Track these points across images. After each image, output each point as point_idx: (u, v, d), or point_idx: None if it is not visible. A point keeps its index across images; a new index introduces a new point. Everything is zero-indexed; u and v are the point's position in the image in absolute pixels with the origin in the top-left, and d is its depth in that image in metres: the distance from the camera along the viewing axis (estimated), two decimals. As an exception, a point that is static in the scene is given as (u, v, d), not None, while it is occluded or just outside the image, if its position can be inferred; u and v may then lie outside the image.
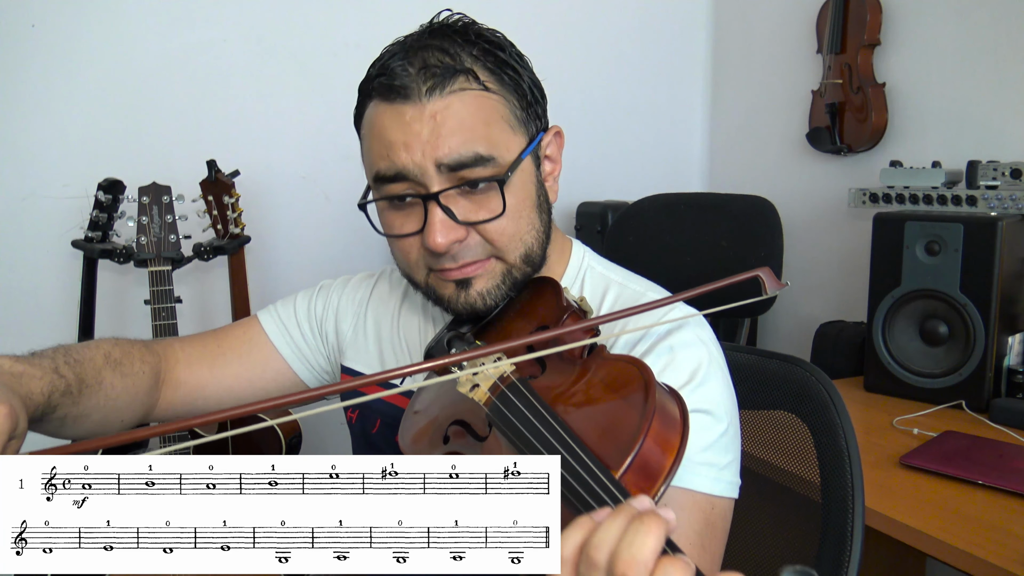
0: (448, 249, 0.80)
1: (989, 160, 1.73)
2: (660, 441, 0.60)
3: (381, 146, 0.80)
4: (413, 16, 0.91)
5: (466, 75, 0.79)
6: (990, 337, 1.57)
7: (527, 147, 0.84)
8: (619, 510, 0.52)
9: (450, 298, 0.84)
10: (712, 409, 0.79)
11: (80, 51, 1.96)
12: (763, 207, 1.95)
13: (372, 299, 1.05)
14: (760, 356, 1.06)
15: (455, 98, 0.78)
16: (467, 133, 0.78)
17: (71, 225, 1.84)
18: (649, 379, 0.63)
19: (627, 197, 2.34)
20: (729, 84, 2.70)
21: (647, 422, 0.59)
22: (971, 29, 1.90)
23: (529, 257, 0.85)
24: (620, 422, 0.62)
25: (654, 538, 0.48)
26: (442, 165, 0.78)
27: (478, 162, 0.79)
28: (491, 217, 0.81)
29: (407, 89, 0.78)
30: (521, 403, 0.66)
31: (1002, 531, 1.11)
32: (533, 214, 0.85)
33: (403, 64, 0.79)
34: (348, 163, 2.27)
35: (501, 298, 0.85)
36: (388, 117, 0.80)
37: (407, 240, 0.84)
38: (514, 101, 0.83)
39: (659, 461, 0.60)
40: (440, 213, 0.79)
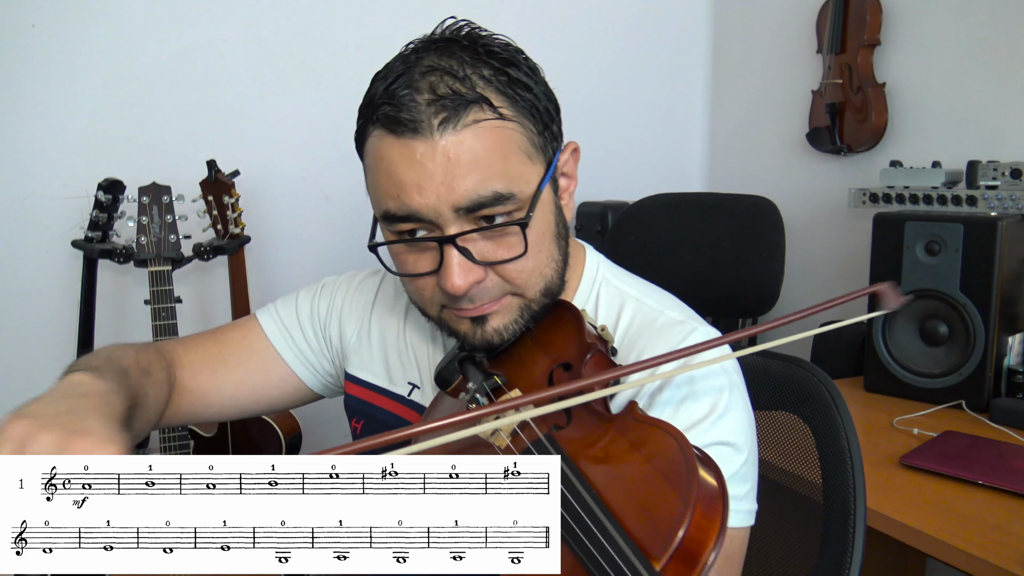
0: (467, 291, 0.75)
1: (989, 160, 1.73)
2: (702, 526, 0.56)
3: (391, 185, 0.75)
4: (413, 16, 0.91)
5: (479, 104, 0.73)
6: (990, 337, 1.57)
7: (545, 175, 0.79)
8: None
9: (466, 334, 0.80)
10: (733, 440, 0.77)
11: (80, 51, 1.96)
12: (765, 207, 1.95)
13: (377, 303, 1.01)
14: (762, 357, 1.06)
15: (469, 132, 0.72)
16: (484, 171, 0.73)
17: (71, 225, 1.84)
18: (690, 457, 0.58)
19: (627, 197, 2.34)
20: (729, 84, 2.70)
21: (690, 508, 0.55)
22: (971, 29, 1.90)
23: (548, 290, 0.81)
24: (659, 503, 0.57)
25: None
26: (460, 208, 0.73)
27: (497, 201, 0.73)
28: (511, 257, 0.76)
29: (416, 123, 0.72)
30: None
31: (1002, 531, 1.11)
32: (552, 246, 0.81)
33: (409, 93, 0.72)
34: (348, 163, 2.26)
35: (518, 332, 0.80)
36: (397, 153, 0.73)
37: (421, 280, 0.79)
38: (530, 126, 0.77)
39: (700, 547, 0.55)
40: (457, 255, 0.74)
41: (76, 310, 1.79)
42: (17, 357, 1.98)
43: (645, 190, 2.20)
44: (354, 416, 0.98)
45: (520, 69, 0.77)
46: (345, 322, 1.01)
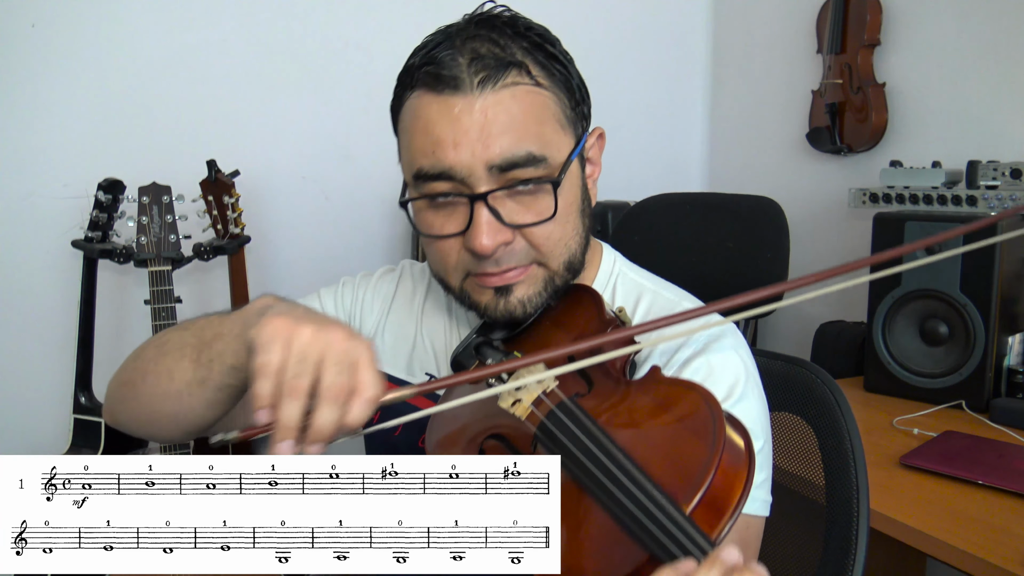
0: (494, 252, 0.76)
1: (989, 160, 1.73)
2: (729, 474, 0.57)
3: (426, 142, 0.76)
4: (413, 16, 0.91)
5: (519, 68, 0.75)
6: (990, 337, 1.57)
7: (575, 148, 0.81)
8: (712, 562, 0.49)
9: (487, 305, 0.80)
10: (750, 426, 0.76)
11: (80, 51, 1.96)
12: (769, 208, 1.94)
13: (396, 297, 1.01)
14: (765, 358, 1.05)
15: (507, 93, 0.74)
16: (519, 131, 0.74)
17: (71, 225, 1.84)
18: (715, 406, 0.60)
19: (627, 197, 2.34)
20: (729, 84, 2.70)
21: (718, 454, 0.56)
22: (971, 29, 1.90)
23: (571, 264, 0.81)
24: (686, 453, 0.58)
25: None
26: (493, 167, 0.74)
27: (529, 162, 0.75)
28: (540, 220, 0.77)
29: (457, 80, 0.74)
30: (575, 425, 0.62)
31: (1002, 531, 1.11)
32: (578, 219, 0.82)
33: (452, 54, 0.75)
34: (348, 163, 2.28)
35: (541, 305, 0.81)
36: (435, 110, 0.75)
37: (447, 241, 0.79)
38: (564, 99, 0.80)
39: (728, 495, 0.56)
40: (487, 214, 0.75)
41: (76, 310, 1.79)
42: (17, 357, 1.98)
43: (645, 190, 2.20)
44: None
45: (556, 48, 0.81)
46: (366, 314, 1.01)
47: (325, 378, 0.58)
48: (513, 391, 0.67)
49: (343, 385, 0.59)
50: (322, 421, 0.57)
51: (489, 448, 0.69)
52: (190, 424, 0.80)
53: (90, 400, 1.77)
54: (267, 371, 0.59)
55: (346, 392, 0.59)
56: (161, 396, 0.79)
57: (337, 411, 0.58)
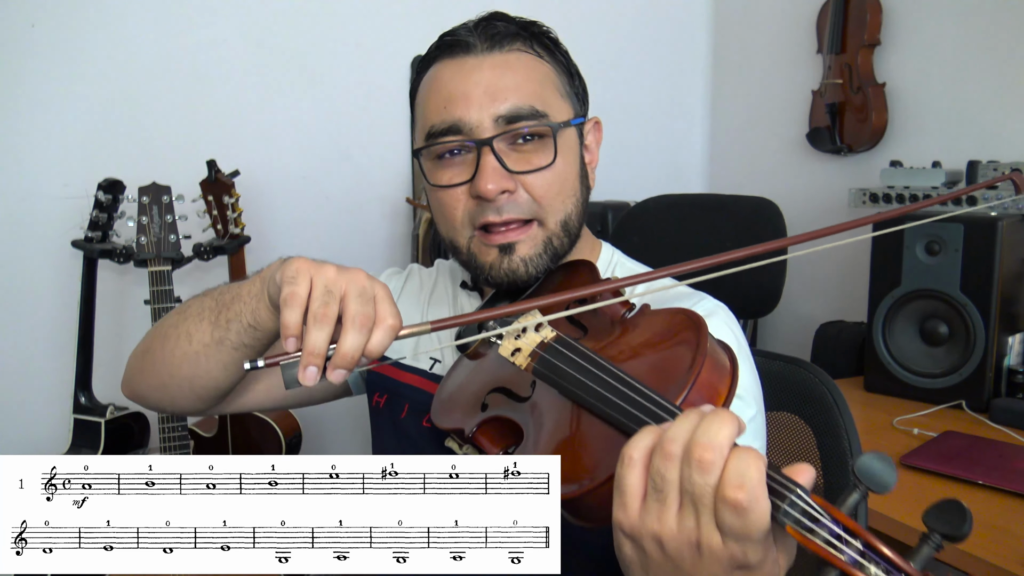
0: (496, 198, 0.81)
1: (989, 160, 1.73)
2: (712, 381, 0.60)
3: (439, 99, 0.84)
4: (413, 16, 0.92)
5: (524, 40, 0.86)
6: (990, 337, 1.57)
7: (574, 119, 0.88)
8: (688, 411, 0.53)
9: (492, 264, 0.85)
10: (741, 394, 0.79)
11: (80, 51, 1.96)
12: (768, 209, 1.94)
13: (404, 292, 1.06)
14: (763, 357, 1.06)
15: (513, 56, 0.85)
16: (523, 89, 0.83)
17: (71, 225, 1.84)
18: (699, 323, 0.64)
19: (627, 197, 2.34)
20: (729, 84, 2.70)
21: (701, 356, 0.60)
22: (971, 29, 1.90)
23: (567, 226, 0.87)
24: (673, 360, 0.62)
25: (729, 426, 0.50)
26: (499, 118, 0.81)
27: (533, 115, 0.82)
28: (541, 167, 0.83)
29: (468, 44, 0.84)
30: (570, 351, 0.67)
31: (1002, 531, 1.11)
32: (576, 183, 0.88)
33: (465, 25, 0.86)
34: (348, 163, 2.27)
35: (542, 268, 0.85)
36: (449, 70, 0.85)
37: (454, 193, 0.84)
38: (564, 76, 0.89)
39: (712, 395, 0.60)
40: (492, 160, 0.81)
41: (76, 310, 1.79)
42: (17, 357, 1.98)
43: (645, 190, 2.20)
44: (376, 391, 1.01)
45: (556, 40, 0.92)
46: None
47: (351, 307, 0.63)
48: (513, 340, 0.73)
49: (368, 314, 0.63)
50: (348, 346, 0.62)
51: (492, 401, 0.73)
52: (204, 389, 0.85)
53: (90, 400, 1.77)
54: (294, 301, 0.64)
55: (370, 320, 0.64)
56: (180, 359, 0.84)
57: (363, 337, 0.63)
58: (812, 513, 0.47)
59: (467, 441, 0.71)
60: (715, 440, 0.49)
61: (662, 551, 0.52)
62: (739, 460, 0.49)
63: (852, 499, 0.48)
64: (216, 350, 0.80)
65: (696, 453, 0.49)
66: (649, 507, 0.52)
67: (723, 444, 0.49)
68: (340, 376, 0.62)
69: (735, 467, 0.48)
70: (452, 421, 0.74)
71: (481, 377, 0.76)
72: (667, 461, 0.51)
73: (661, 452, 0.51)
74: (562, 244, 0.87)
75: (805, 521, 0.47)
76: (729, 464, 0.49)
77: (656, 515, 0.52)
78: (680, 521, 0.51)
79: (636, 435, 0.53)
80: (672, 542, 0.52)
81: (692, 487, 0.50)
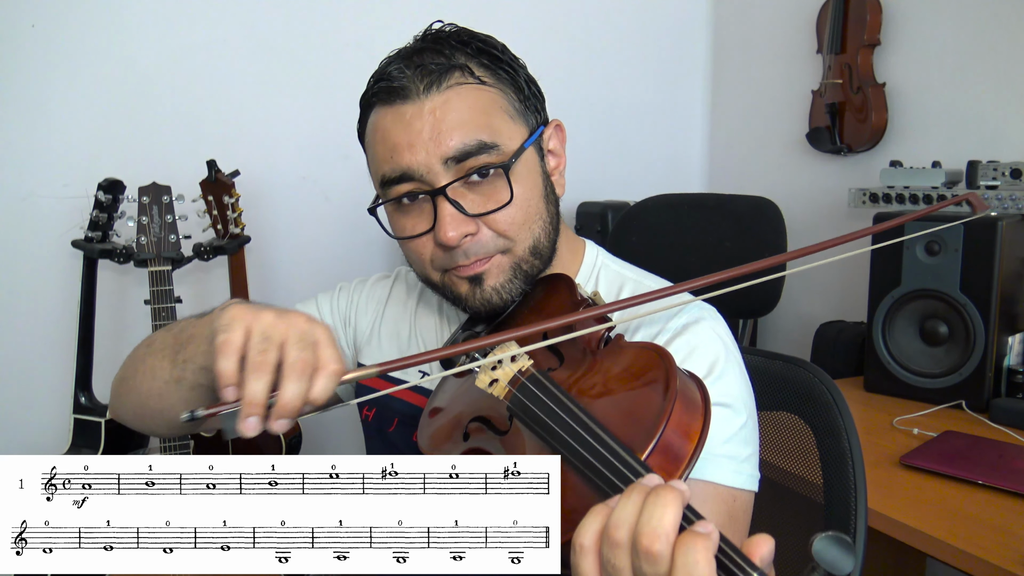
0: (460, 244, 0.81)
1: (989, 160, 1.73)
2: (683, 424, 0.60)
3: (385, 149, 0.82)
4: (413, 16, 0.92)
5: (461, 70, 0.81)
6: (990, 337, 1.57)
7: (528, 138, 0.85)
8: (631, 489, 0.51)
9: (466, 296, 0.85)
10: (731, 403, 0.79)
11: (80, 51, 1.95)
12: (767, 208, 1.95)
13: (391, 299, 1.06)
14: (763, 357, 1.06)
15: (452, 93, 0.80)
16: (468, 125, 0.80)
17: (71, 225, 1.84)
18: (670, 363, 0.63)
19: (627, 197, 2.34)
20: (729, 84, 2.70)
21: (670, 404, 0.59)
22: (971, 29, 1.90)
23: (537, 249, 0.85)
24: (643, 406, 0.62)
25: (672, 509, 0.49)
26: (448, 160, 0.79)
27: (482, 150, 0.80)
28: (499, 206, 0.81)
29: (405, 89, 0.80)
30: (542, 393, 0.66)
31: (1002, 531, 1.11)
32: (540, 204, 0.86)
33: (399, 67, 0.81)
34: (348, 163, 2.27)
35: (516, 292, 0.85)
36: (389, 119, 0.81)
37: (419, 241, 0.84)
38: (511, 94, 0.85)
39: (683, 444, 0.59)
40: (449, 207, 0.80)
41: (76, 310, 1.79)
42: (17, 357, 1.98)
43: (645, 190, 2.20)
44: (366, 404, 1.01)
45: (500, 52, 0.86)
46: (361, 315, 1.06)
47: (290, 354, 0.61)
48: (490, 371, 0.72)
49: (308, 360, 0.62)
50: (289, 395, 0.60)
51: (473, 431, 0.73)
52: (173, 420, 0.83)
53: (90, 400, 1.77)
54: (229, 349, 0.62)
55: (311, 366, 0.62)
56: (147, 393, 0.83)
57: (303, 384, 0.61)
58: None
59: None
60: (659, 528, 0.48)
61: None
62: (686, 555, 0.47)
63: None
64: (176, 388, 0.78)
65: (643, 544, 0.48)
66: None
67: (668, 530, 0.48)
68: (283, 426, 0.60)
69: (683, 563, 0.47)
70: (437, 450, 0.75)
71: (464, 403, 0.76)
72: (615, 549, 0.50)
73: (608, 540, 0.50)
74: (532, 267, 0.86)
75: None
76: (677, 559, 0.48)
77: None
78: None
79: (585, 519, 0.52)
80: None
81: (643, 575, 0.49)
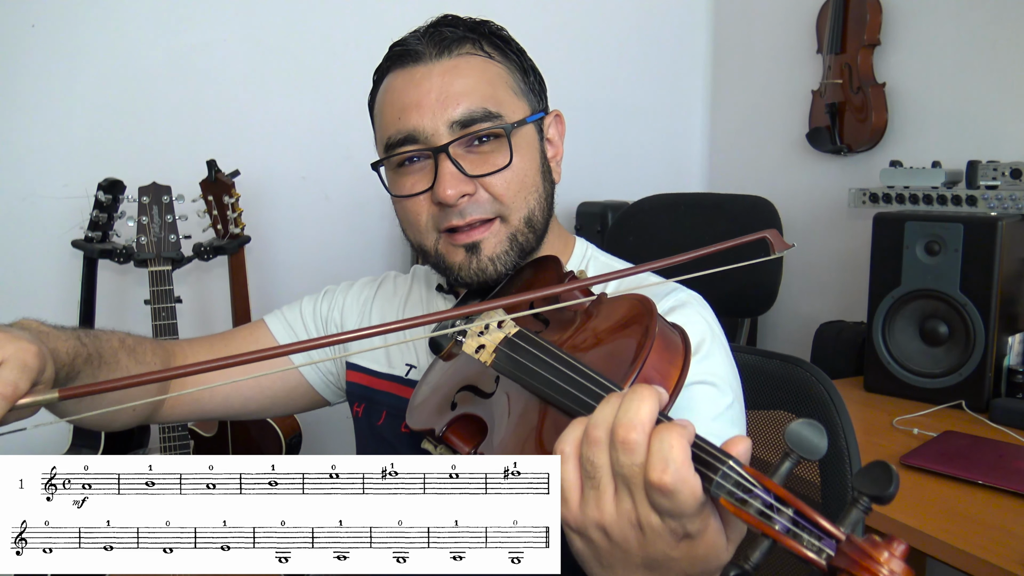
0: (457, 203, 0.82)
1: (989, 160, 1.73)
2: (662, 363, 0.61)
3: (393, 110, 0.85)
4: (413, 16, 0.91)
5: (472, 43, 0.86)
6: (990, 337, 1.57)
7: (531, 116, 0.88)
8: (609, 396, 0.53)
9: (460, 265, 0.86)
10: (716, 382, 0.80)
11: (80, 51, 1.96)
12: (763, 207, 1.95)
13: (377, 298, 1.07)
14: (760, 356, 1.06)
15: (463, 60, 0.84)
16: (474, 92, 0.83)
17: (71, 225, 1.84)
18: (649, 307, 0.65)
19: (627, 197, 2.34)
20: (729, 84, 2.70)
21: (649, 341, 0.60)
22: (971, 29, 1.90)
23: (531, 222, 0.87)
24: (623, 347, 0.63)
25: (648, 403, 0.50)
26: (453, 123, 0.82)
27: (486, 117, 0.83)
28: (497, 169, 0.83)
29: (418, 53, 0.84)
30: (527, 344, 0.68)
31: (1002, 531, 1.11)
32: (537, 178, 0.88)
33: (414, 34, 0.86)
34: (348, 163, 2.27)
35: (510, 265, 0.86)
36: (400, 80, 0.85)
37: (417, 201, 0.85)
38: (516, 72, 0.89)
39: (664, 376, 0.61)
40: (450, 166, 0.82)
41: (76, 310, 1.79)
42: (17, 357, 1.98)
43: (645, 190, 2.20)
44: (355, 401, 1.02)
45: (507, 38, 0.90)
46: (347, 316, 1.07)
47: None
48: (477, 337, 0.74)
49: None
50: None
51: (460, 399, 0.74)
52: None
53: (90, 400, 1.77)
54: None
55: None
56: None
57: None
58: (745, 484, 0.47)
59: (440, 441, 0.72)
60: (635, 419, 0.50)
61: (608, 539, 0.53)
62: (662, 441, 0.49)
63: (784, 467, 0.49)
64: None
65: (619, 435, 0.50)
66: (587, 497, 0.53)
67: (644, 421, 0.50)
68: None
69: (658, 448, 0.49)
70: (424, 422, 0.76)
71: (451, 377, 0.77)
72: (594, 447, 0.52)
73: (587, 439, 0.52)
74: (527, 240, 0.87)
75: (738, 492, 0.47)
76: (652, 445, 0.49)
77: (595, 503, 0.52)
78: (618, 505, 0.52)
79: (567, 429, 0.54)
80: (615, 527, 0.52)
81: (621, 469, 0.51)
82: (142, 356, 0.91)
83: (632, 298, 0.69)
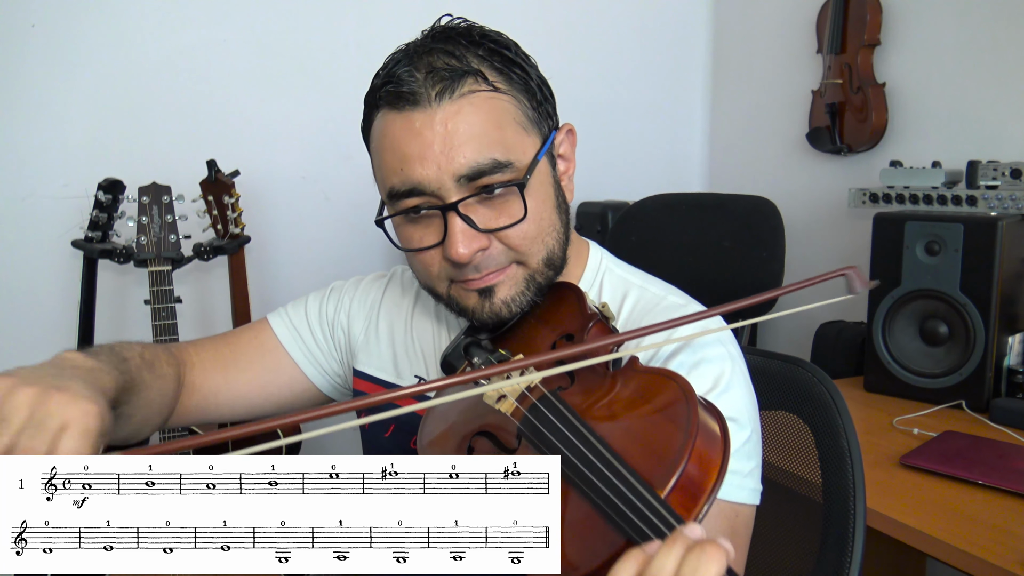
0: (471, 259, 0.78)
1: (989, 160, 1.73)
2: (704, 459, 0.58)
3: (394, 159, 0.78)
4: (413, 16, 0.91)
5: (475, 76, 0.77)
6: (990, 337, 1.57)
7: (542, 148, 0.82)
8: (674, 539, 0.49)
9: (474, 309, 0.82)
10: (736, 416, 0.77)
11: (80, 51, 1.96)
12: (765, 208, 1.95)
13: (384, 301, 1.03)
14: (762, 357, 1.06)
15: (465, 102, 0.76)
16: (481, 139, 0.76)
17: (71, 225, 1.84)
18: (690, 394, 0.61)
19: (627, 197, 2.34)
20: (729, 84, 2.70)
21: (691, 440, 0.57)
22: (971, 29, 1.90)
23: (551, 260, 0.83)
24: (662, 439, 0.59)
25: (716, 567, 0.47)
26: (461, 177, 0.76)
27: (496, 168, 0.76)
28: (512, 223, 0.78)
29: (415, 95, 0.76)
30: (555, 418, 0.64)
31: (1002, 531, 1.11)
32: (553, 216, 0.83)
33: (409, 70, 0.77)
34: (348, 163, 2.27)
35: (526, 304, 0.82)
36: (398, 127, 0.77)
37: (427, 253, 0.81)
38: (524, 101, 0.81)
39: (703, 480, 0.57)
40: (460, 223, 0.77)
41: (76, 310, 1.79)
42: (17, 357, 1.97)
43: (645, 190, 2.20)
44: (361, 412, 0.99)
45: (513, 52, 0.82)
46: (353, 320, 1.04)
47: (20, 442, 0.60)
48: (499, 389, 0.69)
49: (34, 450, 0.60)
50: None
51: (477, 445, 0.70)
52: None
53: (90, 400, 1.77)
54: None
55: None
56: None
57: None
58: None
59: None
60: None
61: None
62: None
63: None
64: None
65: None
66: None
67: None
68: None
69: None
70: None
71: (468, 415, 0.73)
72: None
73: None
74: (547, 277, 0.83)
75: None
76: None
77: None
78: None
79: (620, 563, 0.50)
80: None
81: None
82: (160, 369, 0.90)
83: (670, 382, 0.64)
